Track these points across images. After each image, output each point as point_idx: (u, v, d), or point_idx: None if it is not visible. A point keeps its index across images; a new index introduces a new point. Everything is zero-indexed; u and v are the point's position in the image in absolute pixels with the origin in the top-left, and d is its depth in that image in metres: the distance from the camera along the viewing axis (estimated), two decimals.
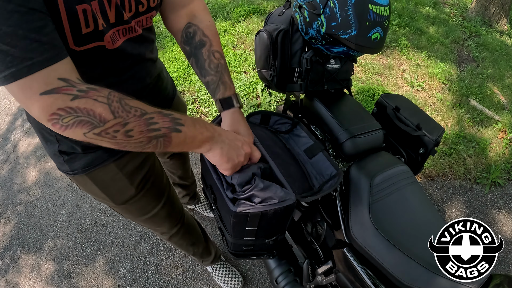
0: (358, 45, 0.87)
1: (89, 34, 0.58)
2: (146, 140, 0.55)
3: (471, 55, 3.02)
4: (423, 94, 2.54)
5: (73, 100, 0.49)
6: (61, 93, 0.48)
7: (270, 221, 0.72)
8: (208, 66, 0.77)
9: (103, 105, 0.51)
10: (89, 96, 0.50)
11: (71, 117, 0.49)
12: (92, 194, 0.88)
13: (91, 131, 0.51)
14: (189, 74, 2.65)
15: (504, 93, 2.57)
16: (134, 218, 0.99)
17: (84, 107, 0.49)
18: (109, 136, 0.52)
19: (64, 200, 2.01)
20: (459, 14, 3.62)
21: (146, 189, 0.90)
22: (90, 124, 0.50)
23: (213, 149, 0.65)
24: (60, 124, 0.49)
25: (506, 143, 2.16)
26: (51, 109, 0.48)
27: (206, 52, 0.77)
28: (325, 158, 0.88)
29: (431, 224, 0.82)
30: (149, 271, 1.64)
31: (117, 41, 0.65)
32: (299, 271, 1.17)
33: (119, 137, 0.53)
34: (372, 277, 0.78)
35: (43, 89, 0.47)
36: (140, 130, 0.54)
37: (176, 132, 0.58)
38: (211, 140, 0.64)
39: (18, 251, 1.81)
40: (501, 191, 1.94)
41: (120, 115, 0.52)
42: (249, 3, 3.43)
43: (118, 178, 0.83)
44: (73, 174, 0.80)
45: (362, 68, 2.74)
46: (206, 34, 0.78)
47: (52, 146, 0.77)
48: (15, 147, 2.40)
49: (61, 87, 0.48)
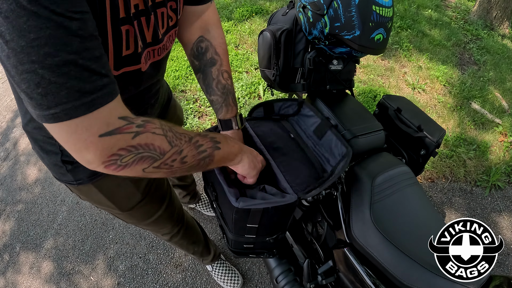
0: (361, 46, 0.87)
1: (128, 56, 0.56)
2: (196, 163, 0.56)
3: (472, 58, 3.03)
4: (424, 96, 2.54)
5: (134, 138, 0.45)
6: (123, 133, 0.44)
7: (271, 219, 0.72)
8: (215, 86, 0.78)
9: (160, 137, 0.49)
10: (148, 130, 0.47)
11: (131, 155, 0.45)
12: (95, 203, 0.85)
13: (151, 166, 0.49)
14: (191, 74, 2.65)
15: (505, 96, 2.57)
16: (138, 223, 0.98)
17: (145, 143, 0.47)
18: (167, 166, 0.51)
19: (64, 197, 2.01)
20: (461, 17, 3.63)
21: (151, 193, 0.90)
22: (151, 158, 0.48)
23: (243, 160, 0.69)
24: (118, 165, 0.45)
25: (507, 146, 2.16)
26: (111, 151, 0.43)
27: (215, 71, 0.78)
28: (334, 137, 0.86)
29: (431, 225, 0.82)
30: (148, 270, 1.64)
31: (149, 61, 0.64)
32: (299, 270, 1.17)
33: (175, 166, 0.52)
34: (372, 277, 0.79)
35: (103, 130, 0.42)
36: (192, 155, 0.54)
37: (217, 150, 0.60)
38: (241, 152, 0.68)
39: (17, 248, 1.81)
40: (501, 194, 1.94)
41: (176, 143, 0.51)
42: (252, 3, 3.44)
43: (124, 184, 0.82)
44: (77, 184, 0.76)
45: (364, 69, 2.74)
46: (218, 53, 0.78)
47: (54, 157, 0.72)
48: (15, 145, 2.40)
49: (122, 127, 0.44)
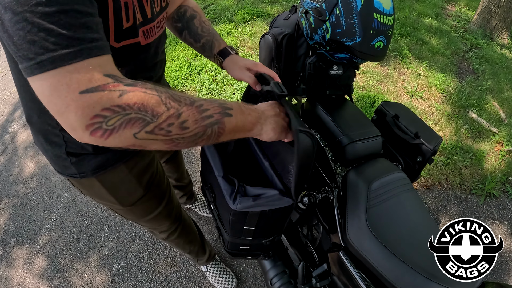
0: (361, 53, 0.88)
1: (128, 29, 0.57)
2: (202, 130, 0.49)
3: (471, 67, 3.06)
4: (422, 103, 2.56)
5: (121, 97, 0.41)
6: (107, 90, 0.40)
7: (268, 221, 0.73)
8: (201, 31, 0.87)
9: (154, 96, 0.43)
10: (137, 89, 0.43)
11: (118, 116, 0.41)
12: (96, 198, 0.85)
13: (142, 130, 0.43)
14: (190, 74, 2.66)
15: (502, 106, 2.60)
16: (137, 219, 0.98)
17: (135, 102, 0.42)
18: (163, 132, 0.45)
19: (61, 193, 2.01)
20: (461, 26, 3.66)
21: (152, 189, 0.90)
22: (142, 121, 0.42)
23: (265, 128, 0.61)
24: (104, 129, 0.40)
25: (503, 155, 2.18)
26: (94, 111, 0.39)
27: (197, 22, 0.88)
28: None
29: (426, 231, 0.83)
30: (143, 268, 1.64)
31: (149, 37, 0.66)
32: (294, 273, 1.18)
33: (174, 132, 0.46)
34: (366, 281, 0.79)
35: (85, 87, 0.39)
36: (195, 120, 0.48)
37: (228, 116, 0.52)
38: (260, 119, 0.60)
39: (11, 243, 1.80)
40: (496, 203, 1.95)
41: (173, 105, 0.45)
42: (253, 6, 3.45)
43: (127, 179, 0.82)
44: (80, 177, 0.75)
45: (363, 75, 2.76)
46: (195, 10, 0.89)
47: (57, 149, 0.71)
48: (13, 138, 2.40)
49: (107, 84, 0.40)
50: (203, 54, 0.90)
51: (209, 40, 0.86)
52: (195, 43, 0.88)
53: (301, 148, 0.58)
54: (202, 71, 2.68)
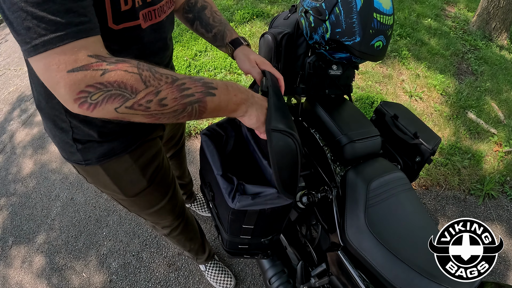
0: (361, 52, 0.88)
1: (127, 12, 0.59)
2: (181, 108, 0.52)
3: (470, 68, 3.06)
4: (421, 104, 2.57)
5: (103, 75, 0.46)
6: (90, 70, 0.45)
7: (267, 220, 0.73)
8: (212, 21, 0.88)
9: (134, 75, 0.48)
10: (119, 68, 0.47)
11: (100, 93, 0.46)
12: (100, 187, 0.86)
13: (123, 105, 0.47)
14: (189, 73, 2.65)
15: (501, 107, 2.61)
16: (140, 212, 0.99)
17: (115, 80, 0.46)
18: (142, 108, 0.49)
19: (59, 192, 2.01)
20: (460, 27, 3.67)
21: (156, 182, 0.91)
22: (122, 97, 0.47)
23: (249, 111, 0.62)
24: (89, 103, 0.46)
25: (501, 156, 2.19)
26: (79, 87, 0.45)
27: (208, 12, 0.89)
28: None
29: (424, 231, 0.83)
30: (141, 268, 1.64)
31: (148, 21, 0.66)
32: (292, 272, 1.17)
33: (153, 108, 0.49)
34: (365, 280, 0.79)
35: (71, 66, 0.44)
36: (173, 98, 0.51)
37: (210, 96, 0.54)
38: (246, 102, 0.61)
39: (10, 241, 1.80)
40: (494, 203, 1.96)
41: (152, 83, 0.49)
42: (253, 6, 3.45)
43: (131, 169, 0.83)
44: (85, 164, 0.77)
45: (362, 76, 2.77)
46: (206, 0, 0.90)
47: (65, 135, 0.74)
48: (11, 137, 2.39)
49: (91, 64, 0.45)
50: (214, 44, 0.91)
51: (221, 30, 0.87)
52: (207, 33, 0.89)
53: (274, 148, 0.59)
54: (201, 71, 2.68)
